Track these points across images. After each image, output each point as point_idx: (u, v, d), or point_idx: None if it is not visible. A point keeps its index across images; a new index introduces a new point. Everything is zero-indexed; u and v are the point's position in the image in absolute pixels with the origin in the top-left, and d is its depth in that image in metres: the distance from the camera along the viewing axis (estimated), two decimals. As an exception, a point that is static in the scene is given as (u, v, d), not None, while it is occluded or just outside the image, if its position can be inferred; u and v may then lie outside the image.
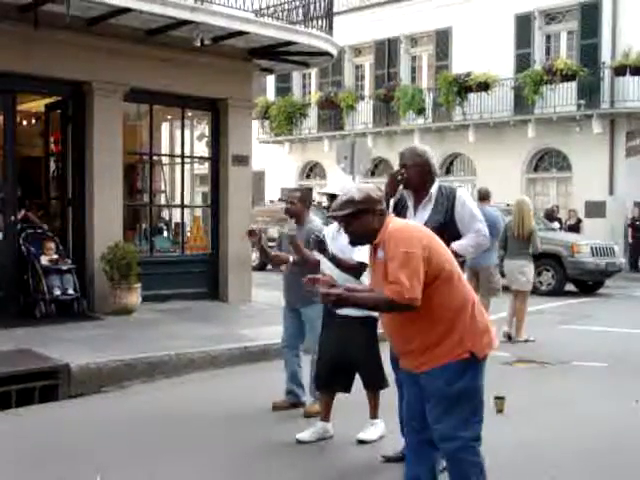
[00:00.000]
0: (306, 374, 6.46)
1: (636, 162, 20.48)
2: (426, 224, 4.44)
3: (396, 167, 5.06)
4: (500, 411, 6.25)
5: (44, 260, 10.16)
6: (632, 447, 5.59)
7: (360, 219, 3.82)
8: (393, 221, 3.87)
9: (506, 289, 10.43)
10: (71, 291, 10.13)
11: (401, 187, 4.91)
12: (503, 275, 10.57)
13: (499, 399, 6.27)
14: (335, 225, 5.70)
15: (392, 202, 4.91)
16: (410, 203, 4.94)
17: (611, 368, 8.34)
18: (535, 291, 11.57)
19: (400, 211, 4.86)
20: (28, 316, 9.87)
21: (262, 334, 9.02)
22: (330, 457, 5.38)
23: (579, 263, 15.33)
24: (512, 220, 10.28)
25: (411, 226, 3.90)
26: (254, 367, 8.22)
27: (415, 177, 4.84)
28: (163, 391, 7.30)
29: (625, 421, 6.26)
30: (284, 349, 6.62)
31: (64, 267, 10.22)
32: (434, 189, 4.88)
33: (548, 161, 22.60)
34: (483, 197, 10.59)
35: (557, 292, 14.98)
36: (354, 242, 3.98)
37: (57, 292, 10.00)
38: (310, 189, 9.69)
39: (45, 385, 7.00)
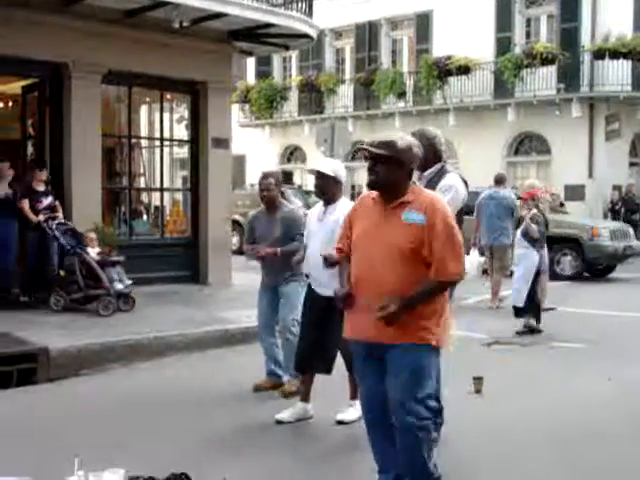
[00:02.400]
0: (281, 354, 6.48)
1: (615, 146, 20.62)
2: None
3: None
4: (478, 391, 6.31)
5: (93, 253, 9.64)
6: (600, 421, 5.66)
7: (389, 168, 3.70)
8: (427, 191, 3.89)
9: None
10: (128, 282, 9.63)
11: None
12: None
13: (477, 379, 6.34)
14: (320, 206, 5.66)
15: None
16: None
17: (587, 349, 8.42)
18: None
19: None
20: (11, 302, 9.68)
21: (242, 317, 8.99)
22: (309, 438, 5.40)
23: (599, 247, 14.85)
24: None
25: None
26: (235, 349, 8.21)
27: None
28: (142, 374, 7.28)
29: (594, 399, 6.33)
30: (260, 330, 6.63)
31: (115, 259, 9.82)
32: (434, 169, 5.08)
33: (528, 145, 22.66)
34: (498, 181, 11.76)
35: (577, 277, 14.67)
36: (373, 186, 3.80)
37: (119, 285, 9.46)
38: (285, 172, 9.66)
39: (23, 369, 6.95)
